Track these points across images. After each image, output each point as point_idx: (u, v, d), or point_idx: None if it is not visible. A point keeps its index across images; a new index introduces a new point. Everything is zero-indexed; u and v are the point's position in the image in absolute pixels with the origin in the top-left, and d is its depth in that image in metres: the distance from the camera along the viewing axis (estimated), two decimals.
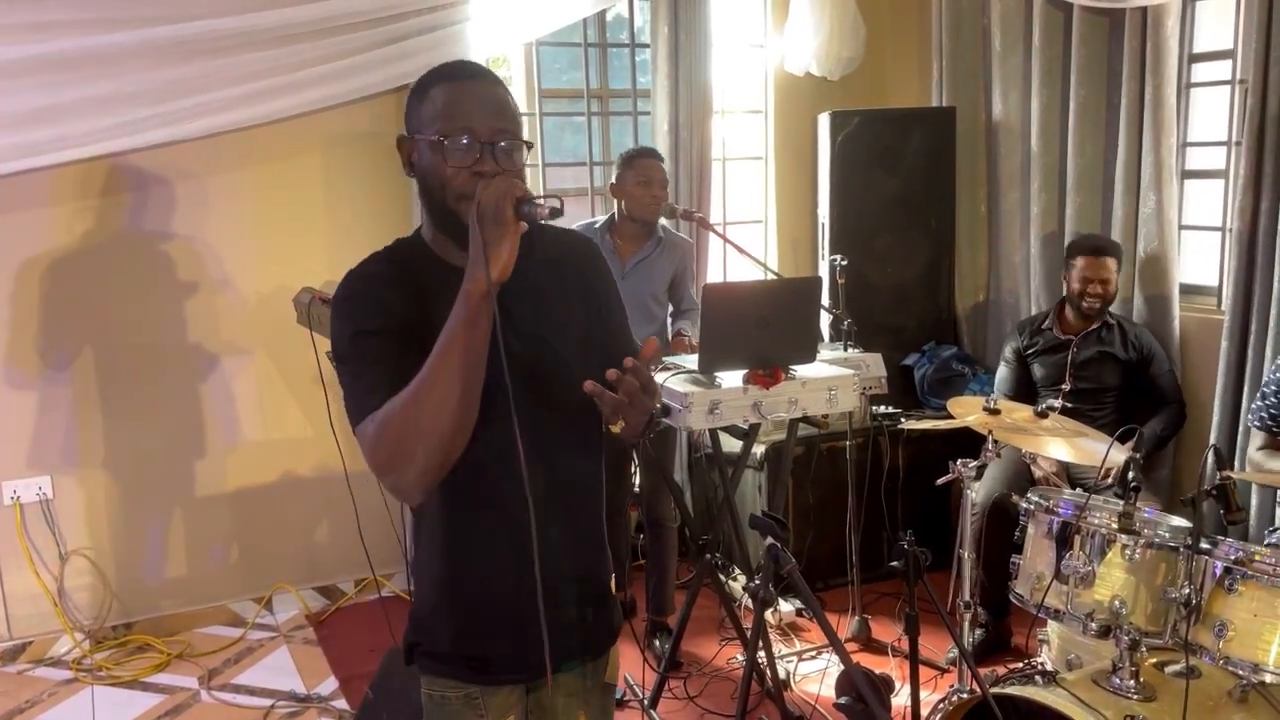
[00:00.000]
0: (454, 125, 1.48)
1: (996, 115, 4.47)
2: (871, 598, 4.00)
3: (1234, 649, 2.18)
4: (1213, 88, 3.91)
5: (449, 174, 1.49)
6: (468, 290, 1.39)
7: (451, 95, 1.51)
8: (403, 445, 1.42)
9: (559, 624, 1.61)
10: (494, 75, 1.57)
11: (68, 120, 3.46)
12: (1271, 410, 3.03)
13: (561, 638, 1.62)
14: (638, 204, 3.53)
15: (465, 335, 1.39)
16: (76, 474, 3.78)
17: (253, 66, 3.64)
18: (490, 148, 1.49)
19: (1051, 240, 4.25)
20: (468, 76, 1.54)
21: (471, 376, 1.42)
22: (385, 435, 1.43)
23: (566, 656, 1.70)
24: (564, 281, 1.67)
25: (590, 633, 1.73)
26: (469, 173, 1.48)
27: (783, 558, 1.95)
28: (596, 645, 1.76)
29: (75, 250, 3.70)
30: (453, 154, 1.48)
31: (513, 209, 1.37)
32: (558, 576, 1.62)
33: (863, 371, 3.33)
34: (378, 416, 1.44)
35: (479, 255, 1.37)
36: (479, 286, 1.38)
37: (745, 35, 4.79)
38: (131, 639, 3.87)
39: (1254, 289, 3.50)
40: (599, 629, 1.75)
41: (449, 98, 1.51)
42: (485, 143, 1.49)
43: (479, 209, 1.38)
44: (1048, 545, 2.48)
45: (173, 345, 3.87)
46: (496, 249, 1.37)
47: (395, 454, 1.44)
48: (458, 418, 1.42)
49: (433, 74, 1.55)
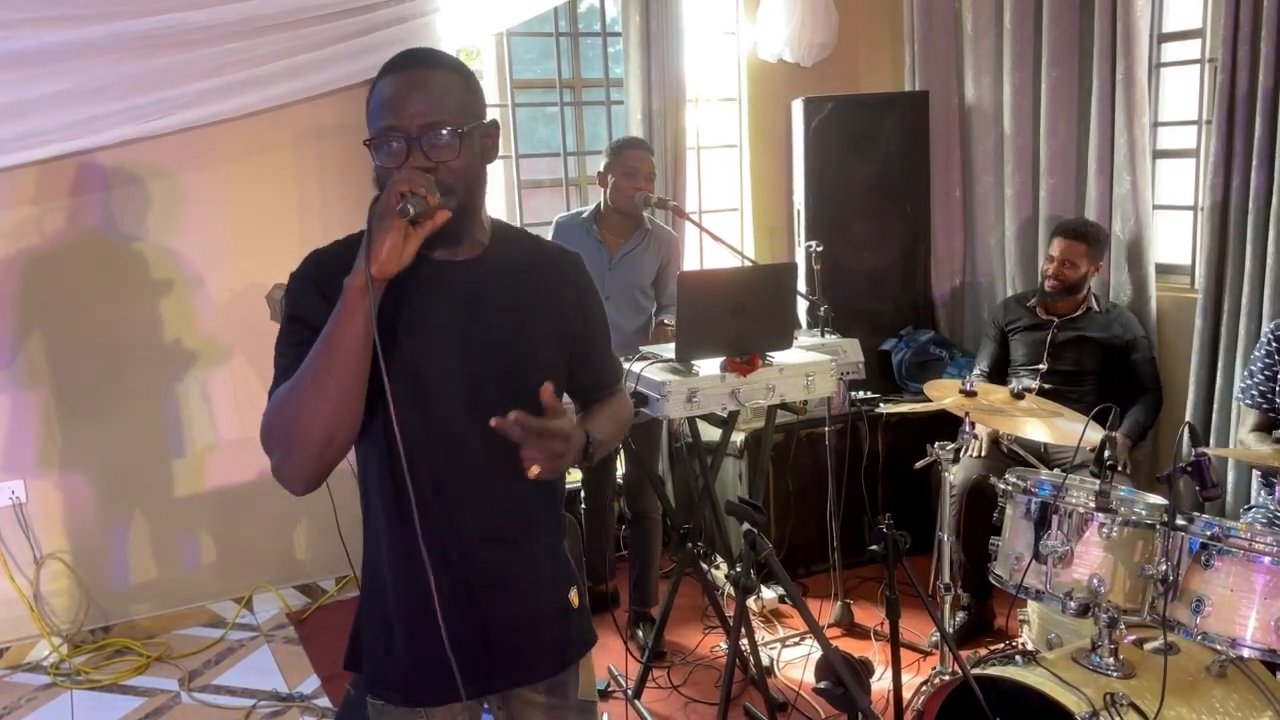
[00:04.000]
0: (381, 124, 1.46)
1: (969, 99, 4.48)
2: (854, 583, 4.01)
3: (1211, 625, 2.19)
4: (1182, 67, 3.92)
5: (385, 173, 1.46)
6: (345, 283, 1.38)
7: (380, 92, 1.48)
8: (277, 433, 1.44)
9: (501, 643, 1.60)
10: (432, 61, 1.50)
11: (32, 118, 3.40)
12: (1260, 387, 3.05)
13: (504, 657, 1.62)
14: (620, 195, 3.49)
15: (338, 330, 1.39)
16: (51, 477, 3.74)
17: (220, 60, 3.59)
18: (418, 141, 1.45)
19: (1026, 223, 4.26)
20: (396, 69, 1.49)
21: (345, 371, 1.40)
22: (267, 420, 1.46)
23: (507, 675, 1.66)
24: (537, 290, 1.63)
25: (543, 651, 1.69)
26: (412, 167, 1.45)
27: (760, 543, 1.95)
28: (552, 662, 1.71)
29: (45, 250, 3.65)
30: (380, 155, 1.47)
31: (400, 214, 1.36)
32: (487, 597, 1.59)
33: (840, 357, 3.33)
34: (270, 400, 1.46)
35: (363, 249, 1.37)
36: (356, 280, 1.37)
37: (717, 23, 4.77)
38: (110, 642, 3.83)
39: (1226, 267, 3.52)
40: (556, 645, 1.71)
41: (378, 95, 1.49)
42: (414, 137, 1.45)
43: (374, 201, 1.38)
44: (1026, 526, 2.49)
45: (147, 345, 3.82)
46: (378, 242, 1.36)
47: (271, 439, 1.45)
48: (331, 411, 1.41)
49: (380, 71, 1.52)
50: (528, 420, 1.39)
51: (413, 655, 1.60)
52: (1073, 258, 3.69)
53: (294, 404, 1.42)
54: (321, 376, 1.40)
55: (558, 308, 1.65)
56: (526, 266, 1.63)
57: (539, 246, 1.71)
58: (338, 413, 1.42)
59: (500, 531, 1.60)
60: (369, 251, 1.36)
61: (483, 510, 1.58)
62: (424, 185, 1.39)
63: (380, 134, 1.46)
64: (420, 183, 1.38)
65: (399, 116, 1.45)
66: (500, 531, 1.60)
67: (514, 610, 1.63)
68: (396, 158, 1.45)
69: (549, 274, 1.66)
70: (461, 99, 1.50)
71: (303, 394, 1.41)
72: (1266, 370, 3.03)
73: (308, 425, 1.41)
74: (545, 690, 1.71)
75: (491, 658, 1.61)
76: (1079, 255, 3.69)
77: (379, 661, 1.65)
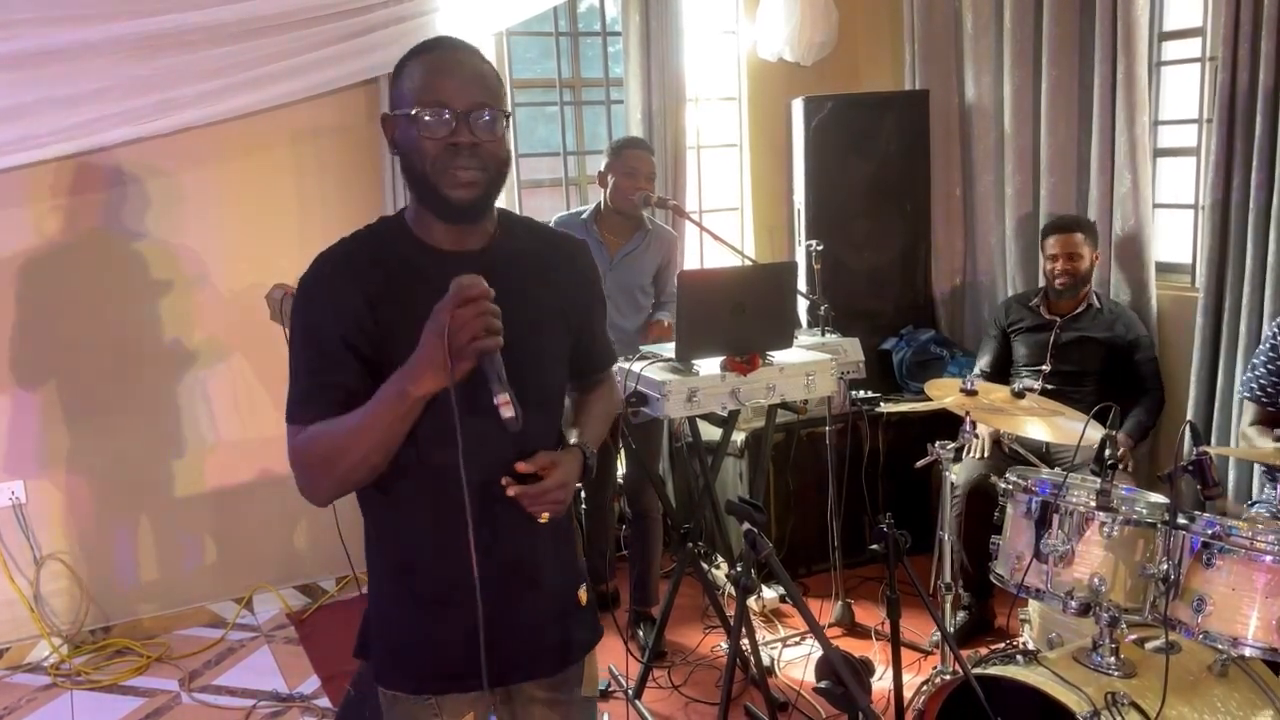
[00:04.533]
0: (429, 98, 1.47)
1: (969, 98, 4.47)
2: (855, 583, 4.01)
3: (1213, 623, 2.19)
4: (1183, 65, 3.92)
5: (426, 146, 1.48)
6: (406, 390, 1.41)
7: (428, 68, 1.50)
8: (314, 471, 1.51)
9: (513, 637, 1.61)
10: (472, 48, 1.56)
11: (32, 119, 3.41)
12: (1261, 381, 3.05)
13: (514, 651, 1.63)
14: (620, 195, 3.49)
15: (391, 426, 1.44)
16: (51, 477, 3.74)
17: (219, 61, 3.60)
18: (465, 118, 1.47)
19: (1027, 222, 4.26)
20: (444, 49, 1.53)
21: (392, 444, 1.47)
22: (301, 458, 1.52)
23: (518, 669, 1.67)
24: (545, 281, 1.64)
25: (552, 646, 1.70)
26: (445, 144, 1.47)
27: (760, 543, 1.94)
28: (560, 658, 1.72)
29: (46, 251, 3.65)
30: (428, 126, 1.47)
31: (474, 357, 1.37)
32: (513, 591, 1.61)
33: (840, 356, 3.32)
34: (302, 437, 1.51)
35: (433, 361, 1.37)
36: (420, 391, 1.40)
37: (717, 22, 4.77)
38: (110, 643, 3.83)
39: (1227, 265, 3.51)
40: (563, 642, 1.71)
41: (425, 71, 1.50)
42: (461, 113, 1.47)
43: (453, 325, 1.35)
44: (1026, 525, 2.48)
45: (146, 345, 3.82)
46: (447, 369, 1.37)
47: (306, 476, 1.52)
48: (372, 466, 1.48)
49: (412, 50, 1.54)
50: (525, 492, 1.51)
51: (429, 645, 1.62)
52: (1074, 249, 3.70)
53: (337, 458, 1.48)
54: (365, 449, 1.46)
55: (565, 296, 1.67)
56: (534, 256, 1.65)
57: (545, 235, 1.73)
58: (378, 466, 1.49)
59: (526, 526, 1.60)
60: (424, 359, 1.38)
61: (511, 504, 1.58)
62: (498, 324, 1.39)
63: (428, 106, 1.47)
64: (496, 341, 1.39)
65: (448, 93, 1.47)
66: (526, 526, 1.60)
67: (530, 605, 1.65)
68: (444, 129, 1.47)
69: (556, 263, 1.68)
70: (497, 86, 1.54)
71: (348, 455, 1.47)
72: (1270, 365, 3.03)
73: (345, 474, 1.50)
74: (549, 686, 1.72)
75: (504, 651, 1.62)
76: (1079, 244, 3.70)
77: (394, 651, 1.67)
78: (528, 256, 1.63)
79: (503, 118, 1.51)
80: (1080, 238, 3.70)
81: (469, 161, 1.47)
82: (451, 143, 1.47)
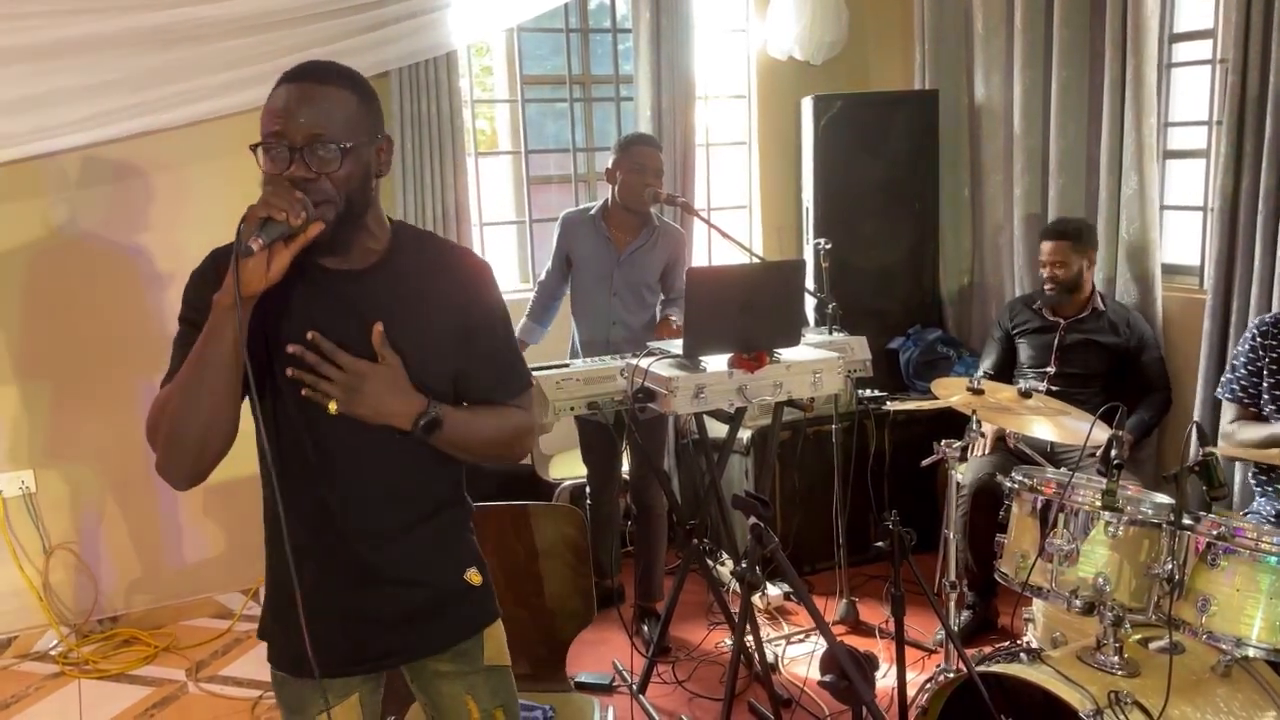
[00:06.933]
0: (269, 130, 1.49)
1: (979, 98, 4.47)
2: (860, 580, 4.01)
3: (1217, 624, 2.19)
4: (1193, 67, 3.91)
5: (269, 178, 1.50)
6: (214, 300, 1.45)
7: (274, 99, 1.51)
8: (156, 434, 1.53)
9: (383, 620, 1.69)
10: (328, 76, 1.53)
11: (45, 110, 3.43)
12: (1242, 382, 3.05)
13: (399, 636, 1.70)
14: (628, 191, 3.48)
15: (208, 346, 1.46)
16: (60, 467, 3.76)
17: (233, 54, 3.62)
18: (300, 152, 1.48)
19: (1034, 222, 4.26)
20: (291, 79, 1.52)
21: (216, 384, 1.48)
22: (149, 419, 1.55)
23: (399, 652, 1.74)
24: (431, 300, 1.64)
25: (440, 628, 1.75)
26: (285, 178, 1.48)
27: (766, 537, 1.95)
28: (447, 637, 1.76)
29: (53, 243, 3.67)
30: (269, 159, 1.50)
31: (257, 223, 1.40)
32: (395, 580, 1.68)
33: (848, 355, 3.33)
34: (154, 401, 1.54)
35: (233, 265, 1.41)
36: (224, 298, 1.43)
37: (727, 20, 4.77)
38: (118, 633, 3.85)
39: (1235, 268, 3.51)
40: (450, 623, 1.76)
41: (271, 102, 1.51)
42: (298, 148, 1.48)
43: (243, 220, 1.42)
44: (1032, 524, 2.49)
45: (155, 335, 3.83)
46: (244, 261, 1.41)
47: (152, 439, 1.54)
48: (204, 420, 1.49)
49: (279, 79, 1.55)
50: (320, 340, 1.50)
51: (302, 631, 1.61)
52: (1060, 257, 3.71)
53: (170, 411, 1.51)
54: (194, 388, 1.48)
55: (456, 316, 1.66)
56: (427, 276, 1.65)
57: (444, 254, 1.72)
58: (211, 422, 1.50)
59: (400, 521, 1.68)
60: (238, 269, 1.41)
61: (383, 503, 1.65)
62: (285, 206, 1.42)
63: (268, 137, 1.49)
64: (280, 205, 1.41)
65: (286, 126, 1.48)
66: (400, 521, 1.68)
67: (410, 593, 1.70)
68: (280, 164, 1.48)
69: (449, 283, 1.67)
70: (351, 115, 1.52)
71: (178, 402, 1.50)
72: (1249, 365, 3.03)
73: (183, 432, 1.50)
74: (449, 660, 1.77)
75: (389, 636, 1.70)
76: (1065, 252, 3.70)
77: (277, 635, 1.73)
78: (414, 277, 1.64)
79: (349, 148, 1.50)
80: (1068, 245, 3.70)
81: (311, 195, 1.47)
82: (288, 176, 1.47)
